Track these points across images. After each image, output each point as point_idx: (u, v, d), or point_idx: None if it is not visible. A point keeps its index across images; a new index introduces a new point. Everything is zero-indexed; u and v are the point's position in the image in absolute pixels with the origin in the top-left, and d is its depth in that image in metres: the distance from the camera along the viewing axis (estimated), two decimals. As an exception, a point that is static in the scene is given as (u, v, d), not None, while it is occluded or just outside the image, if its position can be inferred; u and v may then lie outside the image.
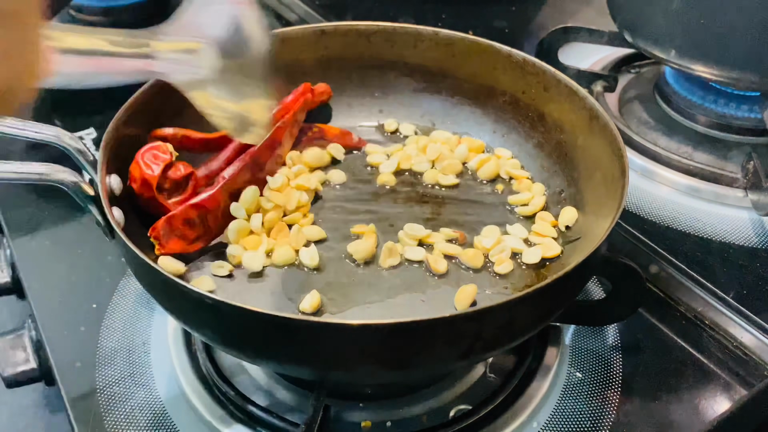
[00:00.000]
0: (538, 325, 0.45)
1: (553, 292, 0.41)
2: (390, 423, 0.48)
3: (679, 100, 0.74)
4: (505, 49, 0.61)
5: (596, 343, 0.54)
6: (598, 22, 0.81)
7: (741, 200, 0.65)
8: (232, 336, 0.42)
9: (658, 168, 0.68)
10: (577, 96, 0.56)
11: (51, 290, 0.58)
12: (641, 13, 0.69)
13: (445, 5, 0.95)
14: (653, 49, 0.70)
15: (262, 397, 0.49)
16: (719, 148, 0.70)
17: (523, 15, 0.98)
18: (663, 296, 0.58)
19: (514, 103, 0.62)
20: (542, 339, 0.52)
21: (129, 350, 0.53)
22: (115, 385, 0.50)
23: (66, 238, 0.63)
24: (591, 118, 0.54)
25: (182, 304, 0.42)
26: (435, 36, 0.63)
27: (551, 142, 0.59)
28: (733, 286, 0.57)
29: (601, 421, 0.48)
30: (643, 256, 0.60)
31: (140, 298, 0.56)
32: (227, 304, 0.39)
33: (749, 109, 0.71)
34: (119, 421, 0.48)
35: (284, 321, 0.38)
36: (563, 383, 0.51)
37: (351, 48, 0.64)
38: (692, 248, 0.60)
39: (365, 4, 0.97)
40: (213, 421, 0.47)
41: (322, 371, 0.43)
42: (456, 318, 0.38)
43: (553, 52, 0.79)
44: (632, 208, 0.65)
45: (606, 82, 0.76)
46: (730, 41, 0.63)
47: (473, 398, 0.49)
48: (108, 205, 0.45)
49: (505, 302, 0.39)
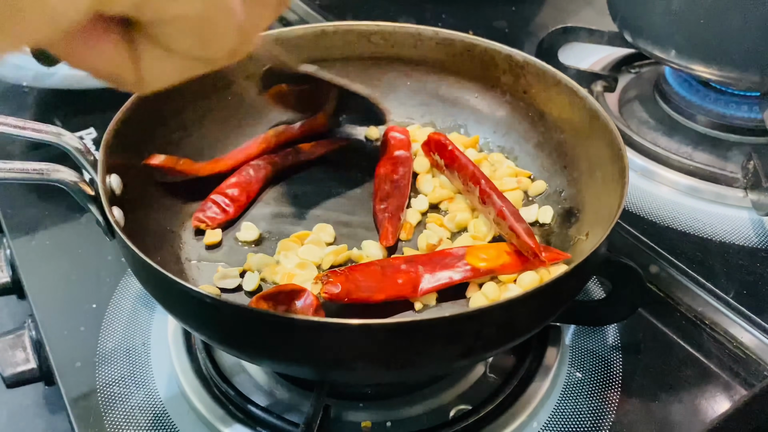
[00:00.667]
0: (538, 325, 0.45)
1: (553, 292, 0.41)
2: (390, 423, 0.48)
3: (679, 100, 0.74)
4: (506, 50, 0.61)
5: (596, 343, 0.54)
6: (598, 22, 0.81)
7: (741, 200, 0.65)
8: (232, 336, 0.42)
9: (658, 168, 0.68)
10: (577, 96, 0.56)
11: (51, 290, 0.58)
12: (641, 13, 0.69)
13: (445, 5, 0.95)
14: (653, 49, 0.70)
15: (262, 397, 0.49)
16: (719, 148, 0.70)
17: (523, 15, 0.98)
18: (663, 296, 0.58)
19: (515, 103, 0.62)
20: (542, 339, 0.52)
21: (129, 350, 0.53)
22: (115, 385, 0.50)
23: (66, 238, 0.63)
24: (591, 119, 0.54)
25: (182, 304, 0.42)
26: (435, 36, 0.63)
27: (551, 142, 0.59)
28: (733, 286, 0.56)
29: (601, 421, 0.48)
30: (643, 256, 0.60)
31: (140, 298, 0.56)
32: (227, 303, 0.39)
33: (749, 109, 0.71)
34: (119, 420, 0.48)
35: (284, 321, 0.38)
36: (563, 383, 0.51)
37: (352, 48, 0.64)
38: (692, 248, 0.60)
39: (365, 4, 0.97)
40: (213, 421, 0.47)
41: (322, 371, 0.43)
42: (456, 318, 0.38)
43: (553, 52, 0.79)
44: (632, 208, 0.65)
45: (606, 82, 0.76)
46: (730, 41, 0.63)
47: (473, 398, 0.49)
48: (108, 205, 0.45)
49: (505, 302, 0.39)
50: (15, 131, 0.45)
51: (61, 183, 0.45)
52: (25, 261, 0.60)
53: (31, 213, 0.65)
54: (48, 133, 0.47)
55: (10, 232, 0.63)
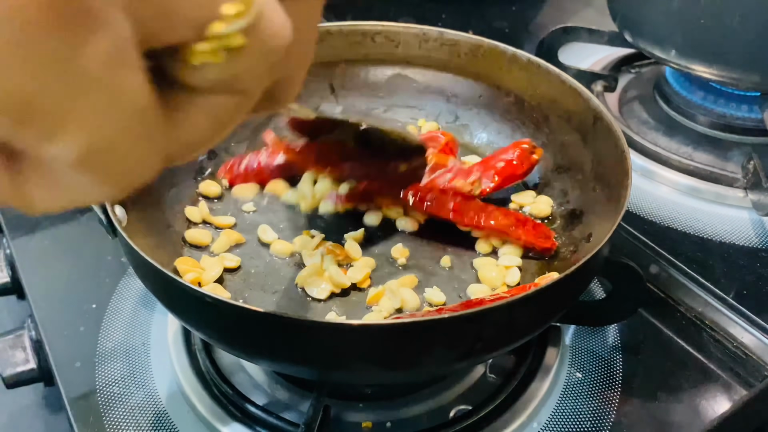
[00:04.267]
0: (539, 326, 0.45)
1: (554, 294, 0.41)
2: (390, 423, 0.48)
3: (679, 100, 0.74)
4: (510, 50, 0.61)
5: (596, 343, 0.54)
6: (598, 22, 0.81)
7: (741, 200, 0.65)
8: (231, 335, 0.42)
9: (658, 168, 0.68)
10: (581, 97, 0.56)
11: (51, 290, 0.58)
12: (641, 13, 0.69)
13: (445, 5, 0.95)
14: (653, 49, 0.70)
15: (262, 397, 0.49)
16: (719, 148, 0.70)
17: (523, 15, 0.98)
18: (663, 296, 0.58)
19: (519, 104, 0.62)
20: (542, 339, 0.52)
21: (129, 350, 0.53)
22: (115, 384, 0.50)
23: (66, 238, 0.63)
24: (595, 120, 0.54)
25: (183, 303, 0.42)
26: (440, 36, 0.63)
27: (556, 143, 0.59)
28: (733, 286, 0.56)
29: (601, 421, 0.48)
30: (643, 256, 0.60)
31: (140, 298, 0.56)
32: (227, 303, 0.39)
33: (749, 109, 0.71)
34: (119, 420, 0.48)
35: (284, 320, 0.38)
36: (563, 383, 0.50)
37: (356, 48, 0.64)
38: (692, 248, 0.60)
39: (365, 4, 0.97)
40: (212, 421, 0.47)
41: (322, 371, 0.43)
42: (456, 319, 0.38)
43: (553, 52, 0.79)
44: (633, 208, 0.64)
45: (606, 82, 0.76)
46: (730, 41, 0.63)
47: (473, 398, 0.49)
48: (110, 203, 0.45)
49: (506, 303, 0.39)
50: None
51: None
52: (25, 261, 0.60)
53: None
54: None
55: (10, 232, 0.63)
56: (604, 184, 0.52)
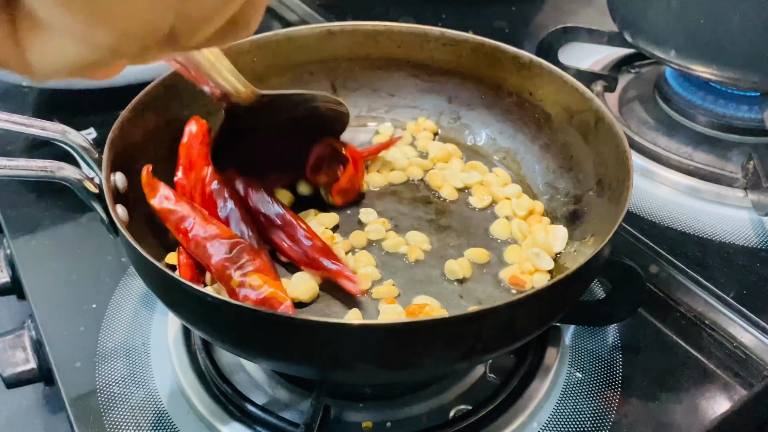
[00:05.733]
0: (539, 327, 0.44)
1: (555, 295, 0.41)
2: (390, 423, 0.48)
3: (679, 100, 0.74)
4: (512, 50, 0.61)
5: (596, 343, 0.54)
6: (598, 22, 0.81)
7: (741, 200, 0.65)
8: (232, 334, 0.42)
9: (658, 168, 0.68)
10: (583, 98, 0.56)
11: (51, 290, 0.58)
12: (641, 13, 0.69)
13: (445, 5, 0.95)
14: (653, 49, 0.70)
15: (262, 397, 0.49)
16: (719, 148, 0.70)
17: (523, 15, 0.98)
18: (663, 296, 0.58)
19: (521, 104, 0.62)
20: (542, 339, 0.52)
21: (129, 350, 0.53)
22: (115, 384, 0.50)
23: (66, 238, 0.63)
24: (597, 120, 0.54)
25: (183, 302, 0.42)
26: (442, 37, 0.63)
27: (557, 143, 0.59)
28: (733, 286, 0.57)
29: (601, 421, 0.48)
30: (643, 256, 0.60)
31: (140, 298, 0.56)
32: (227, 302, 0.39)
33: (749, 109, 0.71)
34: (119, 420, 0.48)
35: (284, 320, 0.38)
36: (563, 383, 0.51)
37: (358, 48, 0.64)
38: (692, 248, 0.60)
39: (365, 4, 0.97)
40: (213, 421, 0.47)
41: (322, 371, 0.43)
42: (456, 319, 0.38)
43: (553, 52, 0.79)
44: (633, 209, 0.65)
45: (606, 82, 0.76)
46: (730, 41, 0.63)
47: (473, 398, 0.49)
48: (112, 203, 0.45)
49: (507, 304, 0.39)
50: (21, 128, 0.46)
51: (65, 180, 0.45)
52: (25, 261, 0.60)
53: (31, 213, 0.65)
54: (53, 131, 0.47)
55: (10, 232, 0.63)
56: (605, 185, 0.52)
